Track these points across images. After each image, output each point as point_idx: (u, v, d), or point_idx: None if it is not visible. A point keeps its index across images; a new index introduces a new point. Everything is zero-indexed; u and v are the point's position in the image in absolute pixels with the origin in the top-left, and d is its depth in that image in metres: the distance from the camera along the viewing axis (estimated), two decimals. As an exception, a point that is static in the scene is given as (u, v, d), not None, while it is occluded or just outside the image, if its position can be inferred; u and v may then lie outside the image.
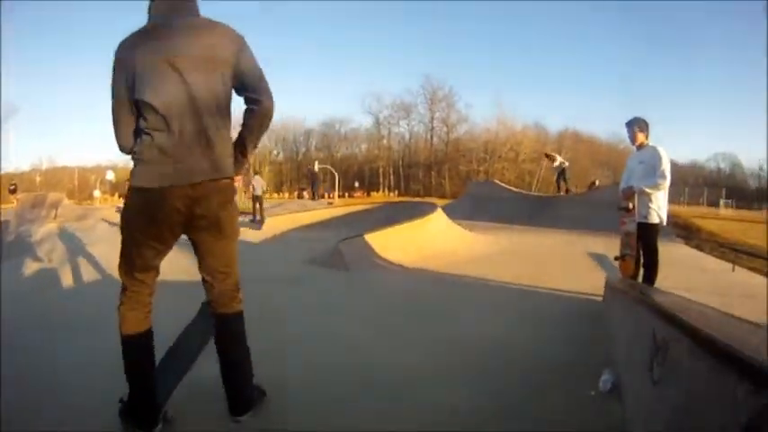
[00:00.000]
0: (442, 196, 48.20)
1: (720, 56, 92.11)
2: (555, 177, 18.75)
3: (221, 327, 2.44)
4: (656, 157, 5.34)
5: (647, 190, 5.32)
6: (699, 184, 60.20)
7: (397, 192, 63.74)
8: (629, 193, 5.51)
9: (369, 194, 56.18)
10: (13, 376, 2.94)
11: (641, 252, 5.46)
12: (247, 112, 2.37)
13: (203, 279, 2.41)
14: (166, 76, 2.14)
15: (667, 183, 5.32)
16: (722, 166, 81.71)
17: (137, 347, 2.33)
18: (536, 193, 24.67)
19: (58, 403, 2.62)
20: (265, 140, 73.23)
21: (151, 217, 2.20)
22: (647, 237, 5.42)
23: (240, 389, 2.43)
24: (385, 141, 73.42)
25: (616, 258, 5.76)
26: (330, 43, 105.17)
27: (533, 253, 9.66)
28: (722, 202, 43.71)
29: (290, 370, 3.24)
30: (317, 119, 79.59)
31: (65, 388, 2.85)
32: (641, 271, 5.50)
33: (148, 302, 2.39)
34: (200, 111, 2.17)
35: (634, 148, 5.73)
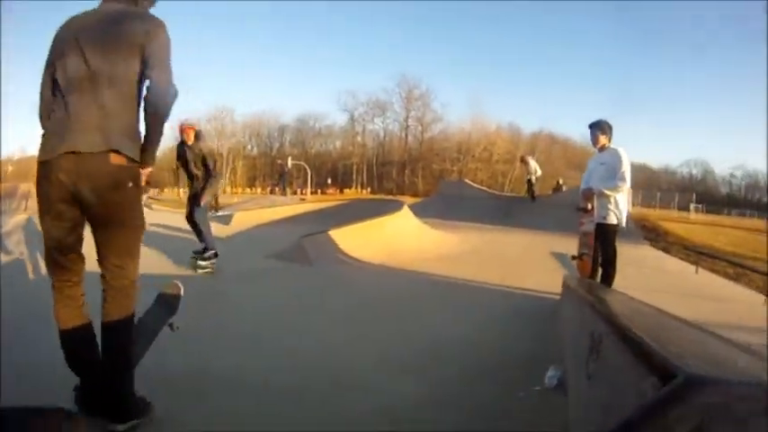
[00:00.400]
0: (415, 195, 48.34)
1: (698, 62, 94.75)
2: (526, 183, 18.98)
3: (107, 329, 2.27)
4: (617, 160, 5.42)
5: (607, 192, 5.39)
6: (671, 188, 61.64)
7: (369, 189, 63.85)
8: (589, 195, 5.58)
9: (342, 191, 56.15)
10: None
11: (599, 252, 5.54)
12: (144, 99, 2.32)
13: (101, 272, 2.30)
14: (73, 56, 2.19)
15: (627, 185, 5.40)
16: (694, 172, 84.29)
17: (75, 341, 2.26)
18: (506, 194, 24.96)
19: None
20: (239, 135, 72.55)
21: (46, 191, 2.17)
22: (605, 237, 5.48)
23: (119, 398, 2.26)
24: (359, 139, 73.39)
25: (573, 258, 5.85)
26: (307, 40, 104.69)
27: (499, 252, 9.76)
28: (692, 206, 44.72)
29: (246, 361, 3.27)
30: (292, 114, 79.26)
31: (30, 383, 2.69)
32: (600, 270, 5.59)
33: (79, 295, 2.30)
34: (100, 90, 2.17)
35: (596, 149, 5.80)
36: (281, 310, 4.98)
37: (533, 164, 18.51)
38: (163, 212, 17.69)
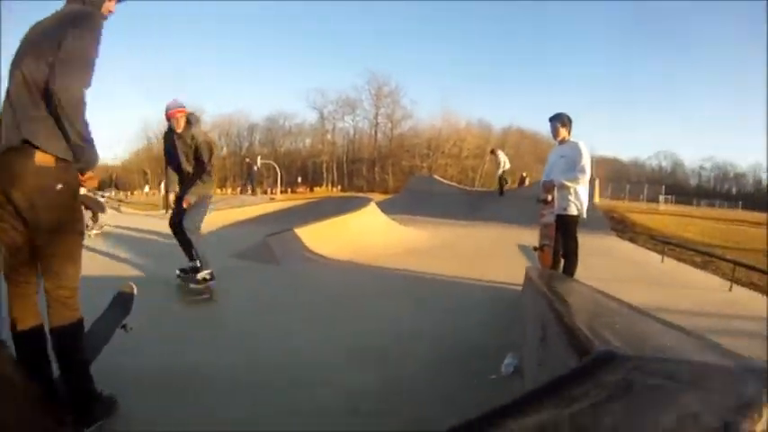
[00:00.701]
0: (385, 191, 48.34)
1: (668, 56, 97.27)
2: (497, 177, 19.13)
3: (53, 337, 2.26)
4: (577, 152, 5.52)
5: (567, 183, 5.49)
6: (640, 181, 62.96)
7: (340, 187, 63.61)
8: (549, 186, 5.67)
9: (312, 190, 55.81)
10: None
11: (560, 243, 5.63)
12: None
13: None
14: (15, 59, 2.24)
15: (587, 177, 5.51)
16: (664, 164, 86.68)
17: (25, 340, 2.24)
18: (474, 189, 25.16)
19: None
20: (209, 134, 71.48)
21: None
22: (566, 228, 5.58)
23: (78, 399, 2.28)
24: (329, 136, 72.98)
25: (535, 249, 5.94)
26: (276, 38, 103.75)
27: (466, 246, 9.85)
28: (662, 197, 45.66)
29: (210, 359, 3.32)
30: (261, 113, 78.51)
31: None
32: (562, 261, 5.69)
33: (31, 294, 2.28)
34: (28, 92, 2.15)
35: (557, 142, 5.90)
36: (245, 308, 4.94)
37: (502, 156, 18.68)
38: (133, 215, 17.59)
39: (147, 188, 45.38)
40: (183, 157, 5.41)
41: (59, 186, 2.17)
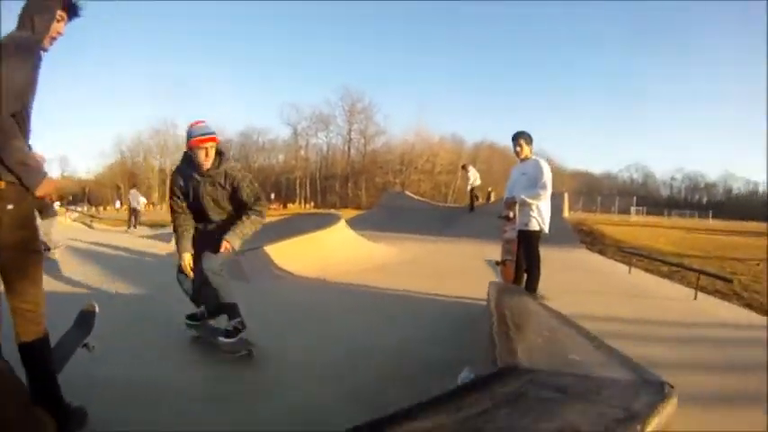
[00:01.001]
0: (358, 207, 48.49)
1: (640, 69, 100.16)
2: (468, 192, 19.37)
3: (22, 351, 2.33)
4: (538, 170, 5.71)
5: (529, 200, 5.66)
6: (612, 193, 64.25)
7: (313, 203, 63.57)
8: (511, 203, 5.84)
9: (285, 206, 55.61)
10: None
11: (522, 258, 5.78)
12: None
13: None
14: None
15: (548, 193, 5.69)
16: (635, 176, 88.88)
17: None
18: (445, 205, 25.42)
19: None
20: (183, 149, 70.90)
21: None
22: (528, 243, 5.75)
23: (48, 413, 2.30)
24: (303, 152, 73.07)
25: (497, 263, 6.08)
26: (250, 53, 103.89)
27: (434, 262, 10.00)
28: (633, 209, 46.52)
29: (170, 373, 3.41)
30: (235, 128, 78.17)
31: None
32: (525, 276, 5.83)
33: None
34: None
35: (519, 160, 6.07)
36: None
37: (473, 172, 18.96)
38: (105, 232, 17.53)
39: (118, 203, 45.03)
40: (211, 203, 3.96)
41: (9, 207, 2.23)
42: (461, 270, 8.96)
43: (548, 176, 5.69)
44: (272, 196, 58.04)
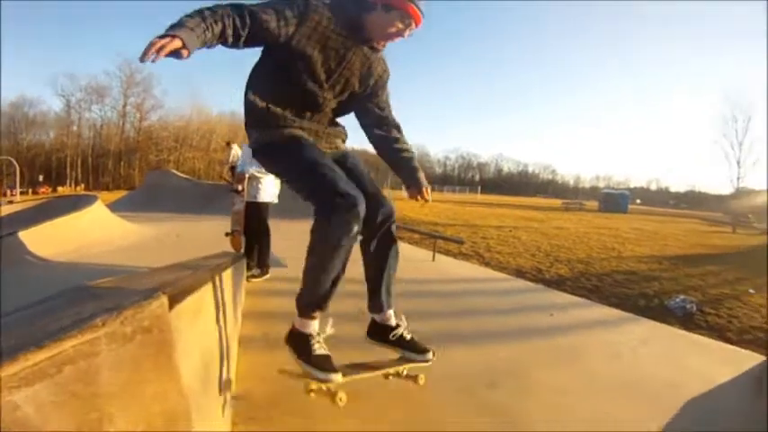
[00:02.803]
0: (132, 188, 44.75)
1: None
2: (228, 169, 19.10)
3: None
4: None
5: (257, 174, 6.02)
6: (386, 170, 68.80)
7: (84, 185, 56.71)
8: (241, 177, 6.15)
9: (55, 190, 48.73)
10: None
11: (250, 228, 6.15)
12: None
13: None
14: None
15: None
16: None
17: None
18: (208, 182, 24.83)
19: None
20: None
21: None
22: (256, 214, 6.12)
23: None
24: (75, 128, 63.97)
25: (226, 234, 6.39)
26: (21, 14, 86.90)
27: (182, 239, 10.14)
28: (404, 186, 50.77)
29: None
30: (6, 98, 63.70)
31: None
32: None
33: None
34: None
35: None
36: None
37: (235, 149, 18.79)
38: None
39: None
40: None
41: None
42: (204, 244, 9.12)
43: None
44: (41, 178, 50.08)
